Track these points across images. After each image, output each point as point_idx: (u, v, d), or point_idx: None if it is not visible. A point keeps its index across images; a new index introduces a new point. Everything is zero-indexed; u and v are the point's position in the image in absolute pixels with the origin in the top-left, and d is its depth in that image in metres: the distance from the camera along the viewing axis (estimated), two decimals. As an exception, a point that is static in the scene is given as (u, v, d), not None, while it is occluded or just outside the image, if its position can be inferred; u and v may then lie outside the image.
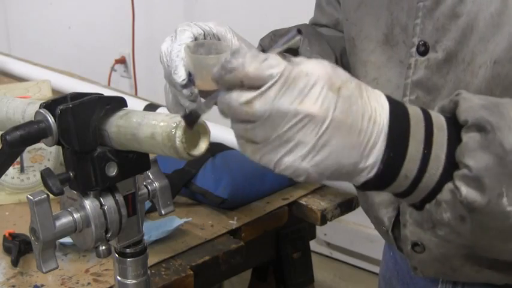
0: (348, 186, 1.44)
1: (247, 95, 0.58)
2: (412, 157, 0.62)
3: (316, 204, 1.45)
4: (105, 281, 1.19)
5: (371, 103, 0.61)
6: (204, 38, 0.90)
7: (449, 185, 0.62)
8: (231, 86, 0.59)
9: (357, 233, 2.66)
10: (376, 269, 2.67)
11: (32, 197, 0.68)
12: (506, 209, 0.62)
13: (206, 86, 0.83)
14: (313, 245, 1.73)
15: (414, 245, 0.86)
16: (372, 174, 0.62)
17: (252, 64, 0.58)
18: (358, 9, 0.90)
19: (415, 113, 0.63)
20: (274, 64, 0.58)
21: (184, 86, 0.87)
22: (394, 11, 0.85)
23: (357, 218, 2.44)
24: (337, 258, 2.77)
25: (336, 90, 0.59)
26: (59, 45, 3.35)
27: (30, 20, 3.51)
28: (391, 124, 0.61)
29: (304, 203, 1.45)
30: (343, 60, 1.02)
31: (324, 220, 1.44)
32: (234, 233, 1.35)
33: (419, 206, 0.66)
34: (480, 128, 0.62)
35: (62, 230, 0.70)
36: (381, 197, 0.92)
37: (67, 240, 1.19)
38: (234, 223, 1.36)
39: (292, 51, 0.99)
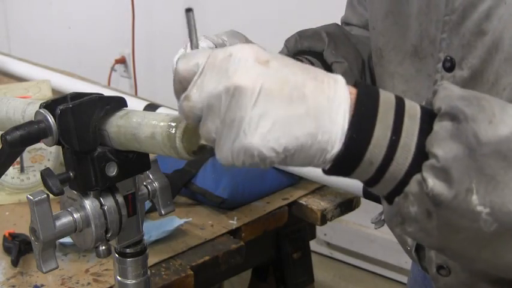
0: (347, 186, 1.44)
1: (186, 92, 0.59)
2: (378, 142, 0.58)
3: (316, 204, 1.45)
4: (105, 281, 1.19)
5: (318, 75, 0.58)
6: None
7: (417, 176, 0.58)
8: (180, 93, 0.60)
9: (357, 233, 2.66)
10: (376, 269, 2.67)
11: (32, 197, 0.68)
12: (476, 208, 0.57)
13: None
14: (313, 245, 1.73)
15: (439, 267, 0.84)
16: (334, 150, 0.58)
17: (181, 63, 0.60)
18: (386, 18, 0.87)
19: (386, 99, 0.60)
20: (199, 56, 0.59)
21: None
22: (423, 22, 0.82)
23: (357, 218, 2.44)
24: (337, 258, 2.77)
25: (264, 63, 0.57)
26: (59, 45, 3.35)
27: (30, 20, 3.51)
28: (356, 105, 0.58)
29: (304, 203, 1.45)
30: (370, 63, 0.99)
31: (324, 220, 1.44)
32: (234, 233, 1.35)
33: (389, 200, 0.62)
34: (453, 116, 0.58)
35: (62, 230, 0.70)
36: None
37: (67, 240, 1.19)
38: (234, 223, 1.36)
39: (316, 55, 0.96)
